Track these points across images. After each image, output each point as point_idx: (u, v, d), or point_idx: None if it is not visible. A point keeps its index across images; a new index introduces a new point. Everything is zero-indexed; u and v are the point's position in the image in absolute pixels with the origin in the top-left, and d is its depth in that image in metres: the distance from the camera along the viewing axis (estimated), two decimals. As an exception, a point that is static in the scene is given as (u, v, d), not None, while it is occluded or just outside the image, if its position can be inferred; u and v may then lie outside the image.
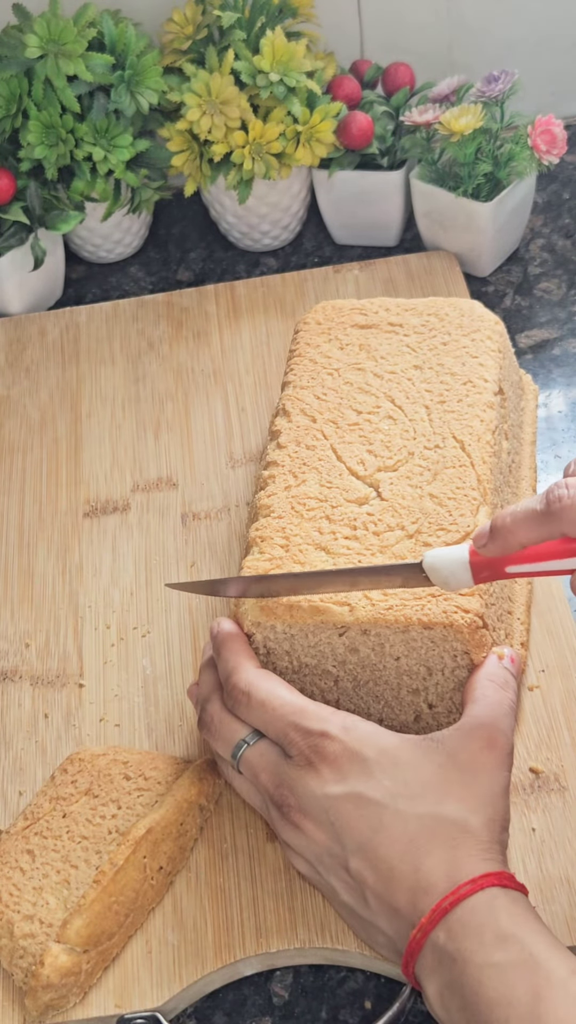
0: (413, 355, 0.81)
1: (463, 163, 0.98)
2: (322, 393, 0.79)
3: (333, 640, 0.69)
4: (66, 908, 0.68)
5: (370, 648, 0.69)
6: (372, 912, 0.62)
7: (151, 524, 0.89)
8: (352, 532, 0.71)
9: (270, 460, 0.77)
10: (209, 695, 0.70)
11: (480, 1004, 0.56)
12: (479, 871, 0.59)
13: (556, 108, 1.14)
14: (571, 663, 0.77)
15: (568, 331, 1.00)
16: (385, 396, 0.78)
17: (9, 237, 1.01)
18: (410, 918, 0.60)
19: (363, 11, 1.10)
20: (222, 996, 0.68)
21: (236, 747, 0.67)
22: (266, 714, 0.66)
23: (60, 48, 0.97)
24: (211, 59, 0.99)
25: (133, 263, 1.13)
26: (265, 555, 0.71)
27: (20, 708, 0.80)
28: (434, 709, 0.71)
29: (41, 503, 0.91)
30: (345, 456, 0.75)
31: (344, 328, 0.83)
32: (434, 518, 0.71)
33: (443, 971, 0.58)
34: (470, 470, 0.73)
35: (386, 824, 0.61)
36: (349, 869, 0.62)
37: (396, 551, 0.70)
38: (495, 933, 0.57)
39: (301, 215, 1.10)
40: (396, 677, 0.70)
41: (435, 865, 0.60)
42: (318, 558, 0.70)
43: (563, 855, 0.69)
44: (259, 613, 0.69)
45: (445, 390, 0.78)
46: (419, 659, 0.69)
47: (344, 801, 0.62)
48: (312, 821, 0.63)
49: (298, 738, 0.64)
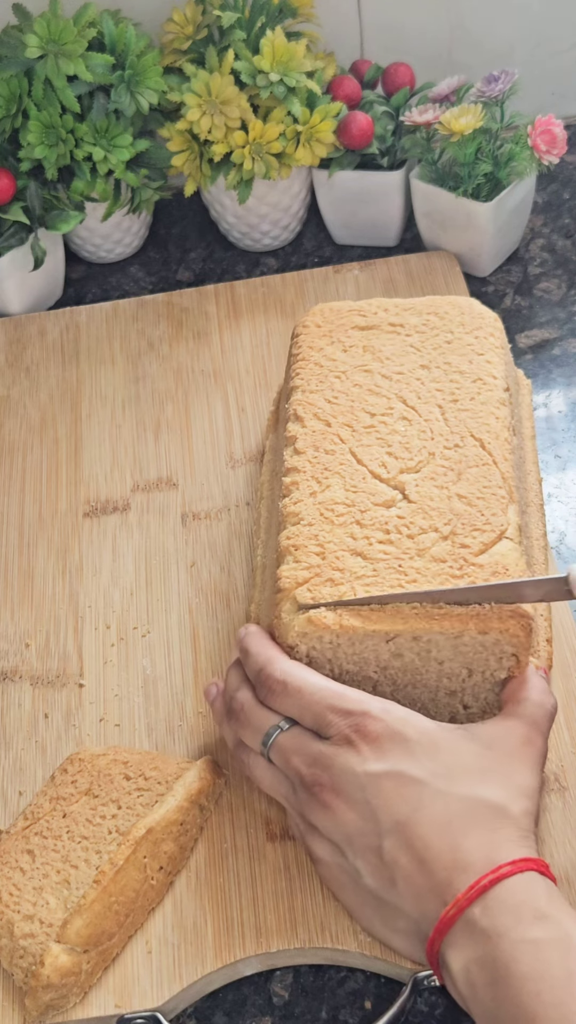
0: (418, 355, 0.80)
1: (463, 163, 0.98)
2: (332, 397, 0.79)
3: (379, 647, 0.68)
4: (66, 908, 0.68)
5: (415, 653, 0.69)
6: (398, 893, 0.62)
7: (151, 524, 0.89)
8: (386, 536, 0.71)
9: (290, 466, 0.76)
10: (238, 686, 0.70)
11: (511, 978, 0.56)
12: (518, 855, 0.60)
13: (556, 108, 1.15)
14: (571, 663, 0.77)
15: (568, 331, 1.01)
16: (396, 397, 0.78)
17: (9, 237, 1.01)
18: (443, 896, 0.60)
19: (363, 11, 1.10)
20: (222, 996, 0.68)
21: (268, 733, 0.67)
22: (303, 699, 0.66)
23: (60, 48, 0.97)
24: (211, 59, 0.99)
25: (133, 263, 1.13)
26: (301, 564, 0.70)
27: (20, 708, 0.80)
28: (468, 710, 0.71)
29: (41, 503, 0.91)
30: (365, 459, 0.75)
31: (345, 330, 0.83)
32: (467, 519, 0.71)
33: (474, 946, 0.58)
34: (493, 468, 0.73)
35: (426, 803, 0.62)
36: (381, 849, 0.62)
37: (434, 554, 0.70)
38: (533, 912, 0.58)
39: (301, 215, 1.10)
40: (436, 680, 0.70)
41: (474, 846, 0.60)
42: (356, 564, 0.70)
43: (563, 855, 0.69)
44: (306, 624, 0.68)
45: (456, 389, 0.78)
46: (463, 662, 0.69)
47: (384, 779, 0.63)
48: (345, 800, 0.63)
49: (337, 719, 0.65)
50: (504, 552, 0.69)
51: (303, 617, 0.68)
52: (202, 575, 0.85)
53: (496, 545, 0.70)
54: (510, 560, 0.69)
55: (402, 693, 0.71)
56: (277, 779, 0.68)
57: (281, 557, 0.72)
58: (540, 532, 0.81)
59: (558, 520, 0.87)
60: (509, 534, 0.70)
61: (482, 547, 0.70)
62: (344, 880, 0.65)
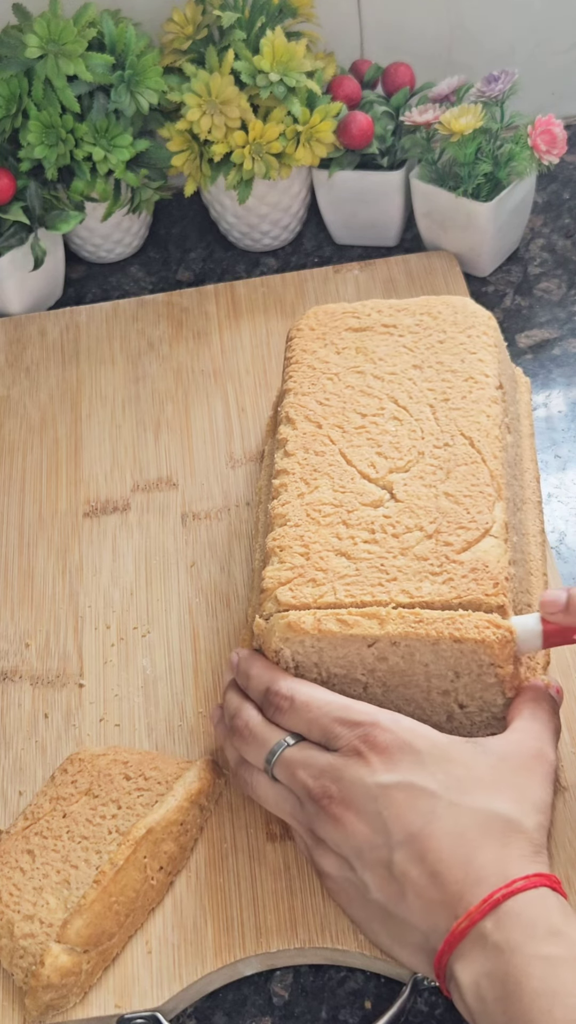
0: (411, 355, 0.81)
1: (463, 163, 0.98)
2: (324, 398, 0.79)
3: (362, 651, 0.68)
4: (66, 908, 0.68)
5: (399, 657, 0.68)
6: (407, 907, 0.61)
7: (151, 524, 0.89)
8: (371, 536, 0.71)
9: (279, 468, 0.76)
10: (240, 705, 0.70)
11: (523, 993, 0.55)
12: (532, 870, 0.59)
13: (556, 108, 1.15)
14: (571, 663, 0.77)
15: (568, 331, 1.01)
16: (388, 397, 0.78)
17: (9, 237, 1.01)
18: (454, 909, 0.59)
19: (363, 11, 1.10)
20: (222, 996, 0.68)
21: (272, 750, 0.67)
22: (310, 713, 0.66)
23: (60, 48, 0.97)
24: (211, 59, 0.99)
25: (133, 263, 1.13)
26: (286, 564, 0.71)
27: (20, 708, 0.80)
28: (465, 709, 0.71)
29: (41, 503, 0.91)
30: (355, 460, 0.75)
31: (338, 332, 0.83)
32: (452, 517, 0.71)
33: (485, 960, 0.57)
34: (482, 466, 0.73)
35: (439, 815, 0.61)
36: (391, 862, 0.61)
37: (417, 552, 0.70)
38: (547, 928, 0.57)
39: (301, 215, 1.10)
40: (425, 680, 0.70)
41: (488, 860, 0.60)
42: (339, 564, 0.70)
43: (563, 855, 0.69)
44: (286, 629, 0.68)
45: (447, 388, 0.78)
46: (447, 666, 0.68)
47: (395, 790, 0.62)
48: (355, 813, 0.63)
49: (345, 730, 0.64)
50: (486, 549, 0.69)
51: (283, 622, 0.68)
52: (202, 575, 0.85)
53: (480, 543, 0.70)
54: (491, 557, 0.69)
55: (395, 694, 0.71)
56: (281, 796, 0.67)
57: (267, 558, 0.72)
58: (538, 529, 0.81)
59: (558, 520, 0.87)
60: (494, 532, 0.70)
61: (465, 545, 0.70)
62: (352, 894, 0.64)
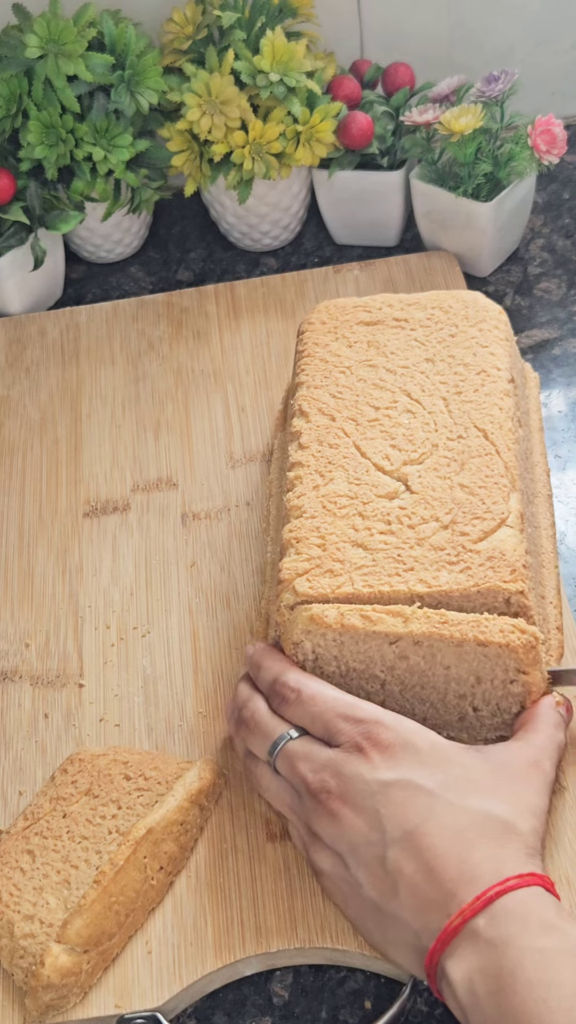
0: (423, 348, 0.81)
1: (463, 163, 0.98)
2: (337, 392, 0.79)
3: (383, 648, 0.69)
4: (66, 908, 0.68)
5: (420, 657, 0.69)
6: (399, 904, 0.61)
7: (151, 524, 0.89)
8: (387, 527, 0.71)
9: (294, 461, 0.76)
10: (249, 697, 0.70)
11: (517, 985, 0.55)
12: (525, 870, 0.60)
13: (556, 108, 1.15)
14: (571, 663, 0.77)
15: (568, 331, 1.01)
16: (401, 390, 0.79)
17: (9, 237, 1.01)
18: (446, 908, 0.59)
19: (363, 11, 1.10)
20: (222, 996, 0.68)
21: (276, 742, 0.67)
22: (315, 707, 0.66)
23: (60, 48, 0.97)
24: (211, 59, 0.99)
25: (133, 263, 1.13)
26: (303, 555, 0.71)
27: (20, 708, 0.80)
28: (478, 712, 0.71)
29: (41, 503, 0.91)
30: (369, 452, 0.76)
31: (350, 326, 0.83)
32: (467, 507, 0.71)
33: (477, 956, 0.57)
34: (496, 458, 0.74)
35: (436, 813, 0.62)
36: (385, 858, 0.62)
37: (434, 542, 0.70)
38: (541, 922, 0.57)
39: (301, 215, 1.10)
40: (444, 683, 0.70)
41: (482, 859, 0.60)
42: (356, 555, 0.70)
43: (563, 855, 0.69)
44: (309, 622, 0.68)
45: (460, 381, 0.78)
46: (470, 670, 0.69)
47: (395, 787, 0.62)
48: (352, 808, 0.63)
49: (347, 726, 0.65)
50: (503, 539, 0.70)
51: (306, 615, 0.68)
52: (202, 575, 0.85)
53: (496, 532, 0.70)
54: (508, 546, 0.69)
55: (411, 693, 0.71)
56: (282, 788, 0.67)
57: (284, 550, 0.72)
58: (548, 522, 0.81)
59: (558, 520, 0.87)
60: (510, 522, 0.70)
61: (482, 535, 0.70)
62: (346, 892, 0.65)
